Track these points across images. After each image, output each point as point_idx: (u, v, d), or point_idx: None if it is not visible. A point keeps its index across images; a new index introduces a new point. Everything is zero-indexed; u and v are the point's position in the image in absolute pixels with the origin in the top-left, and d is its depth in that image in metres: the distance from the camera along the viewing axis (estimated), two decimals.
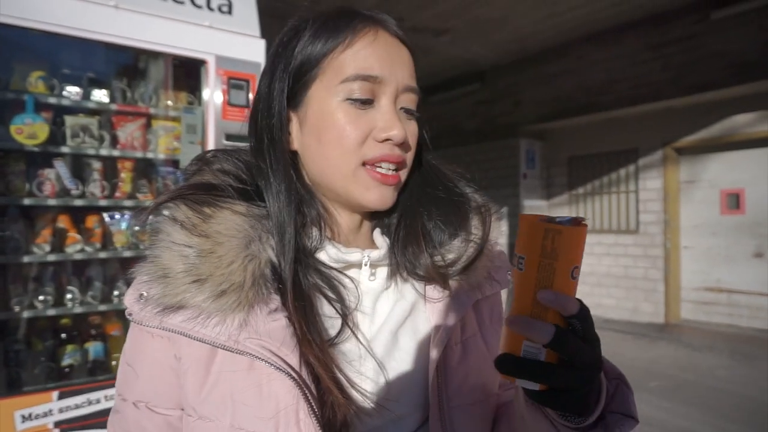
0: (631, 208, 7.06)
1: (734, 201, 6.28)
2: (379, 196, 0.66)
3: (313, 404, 0.56)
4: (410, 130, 0.67)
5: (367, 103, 0.64)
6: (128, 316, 0.62)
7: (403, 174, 0.69)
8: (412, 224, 0.71)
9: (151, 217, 0.62)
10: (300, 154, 0.68)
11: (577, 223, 0.50)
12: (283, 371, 0.56)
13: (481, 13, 5.86)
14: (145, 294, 0.59)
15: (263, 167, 0.66)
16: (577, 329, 0.51)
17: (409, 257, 0.70)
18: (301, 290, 0.61)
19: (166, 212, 0.61)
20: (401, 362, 0.66)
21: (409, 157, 0.69)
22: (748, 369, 5.05)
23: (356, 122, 0.63)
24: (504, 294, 0.75)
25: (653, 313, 6.78)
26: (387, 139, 0.64)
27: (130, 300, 0.62)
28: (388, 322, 0.67)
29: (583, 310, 0.51)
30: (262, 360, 0.56)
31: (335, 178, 0.65)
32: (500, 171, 7.91)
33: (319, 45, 0.64)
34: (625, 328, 6.65)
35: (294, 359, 0.57)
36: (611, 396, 0.59)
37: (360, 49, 0.63)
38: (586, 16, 6.00)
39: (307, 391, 0.56)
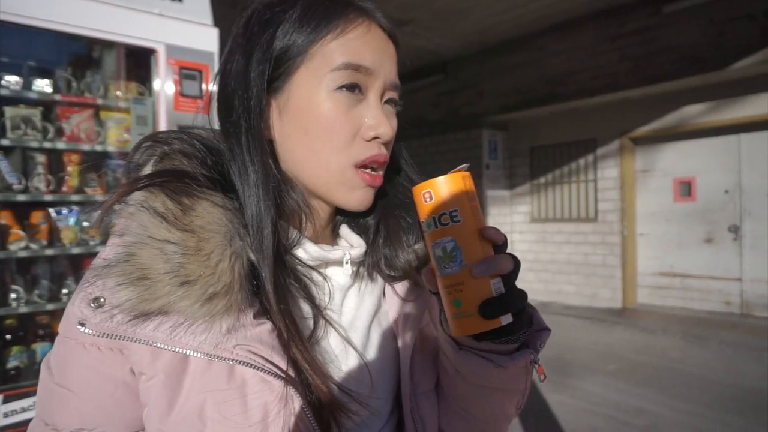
0: (590, 197, 7.22)
1: (686, 189, 6.50)
2: (362, 198, 0.64)
3: (305, 407, 0.54)
4: (393, 125, 0.65)
5: (356, 89, 0.60)
6: (79, 328, 0.52)
7: (383, 173, 0.67)
8: (394, 225, 0.70)
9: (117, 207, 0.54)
10: (278, 143, 0.62)
11: (468, 168, 0.56)
12: (275, 376, 0.52)
13: (444, 4, 5.87)
14: (103, 300, 0.51)
15: (237, 154, 0.60)
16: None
17: (388, 256, 0.69)
18: (282, 291, 0.57)
19: (140, 201, 0.53)
20: (375, 357, 0.66)
21: (390, 152, 0.67)
22: (700, 350, 5.26)
23: (346, 116, 0.60)
24: None
25: (611, 298, 6.99)
26: (375, 137, 0.61)
27: (81, 307, 0.52)
28: (360, 318, 0.67)
29: (506, 241, 0.57)
30: (254, 367, 0.52)
31: (320, 173, 0.62)
32: (463, 161, 7.79)
33: (308, 29, 0.59)
34: (584, 313, 6.84)
35: (284, 363, 0.54)
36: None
37: (353, 38, 0.60)
38: (546, 8, 6.08)
39: (300, 395, 0.54)
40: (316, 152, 0.60)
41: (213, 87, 0.66)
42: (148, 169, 0.58)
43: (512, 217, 8.16)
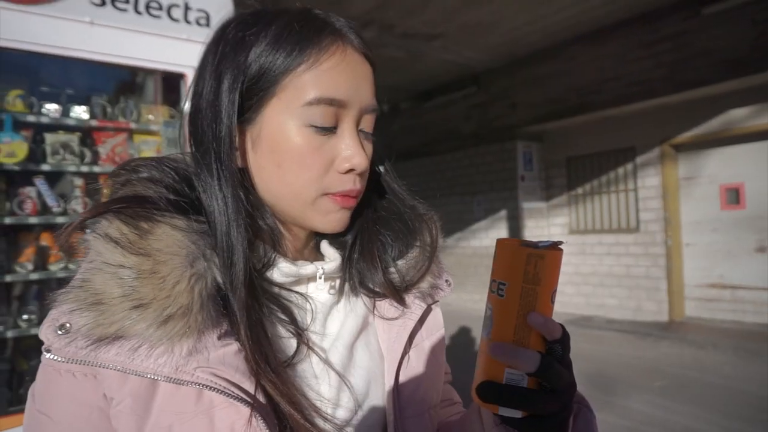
0: (630, 207, 7.01)
1: (734, 196, 6.22)
2: (338, 221, 0.63)
3: (272, 431, 0.52)
4: (369, 153, 0.63)
5: (330, 131, 0.59)
6: (45, 353, 0.53)
7: (359, 195, 0.65)
8: (368, 241, 0.69)
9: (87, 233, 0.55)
10: (252, 173, 0.62)
11: (556, 246, 0.50)
12: (240, 400, 0.51)
13: (470, 17, 5.87)
14: (68, 325, 0.51)
15: (208, 182, 0.59)
16: (557, 354, 0.52)
17: (364, 273, 0.68)
18: (250, 312, 0.56)
19: (96, 229, 0.54)
20: (359, 378, 0.64)
21: (366, 178, 0.65)
22: (754, 365, 4.97)
23: (319, 151, 0.59)
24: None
25: (656, 311, 6.71)
26: (350, 170, 0.60)
27: (47, 334, 0.52)
28: (342, 337, 0.65)
29: (565, 335, 0.53)
30: (217, 390, 0.51)
31: (293, 204, 0.61)
32: (498, 174, 7.89)
33: (280, 58, 0.57)
34: (628, 327, 6.59)
35: (250, 386, 0.53)
36: (574, 418, 0.59)
37: (327, 69, 0.58)
38: (575, 17, 6.00)
39: (266, 419, 0.52)
40: (288, 184, 0.60)
41: (185, 105, 0.65)
42: (111, 197, 0.59)
43: (549, 230, 7.99)
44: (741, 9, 5.26)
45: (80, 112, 2.52)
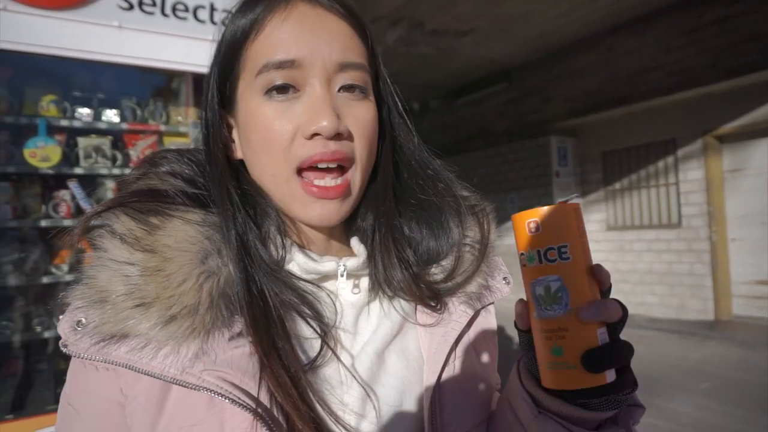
0: (672, 202, 6.76)
1: None
2: (320, 214, 0.56)
3: None
4: (357, 115, 0.57)
5: (285, 89, 0.54)
6: (62, 348, 0.52)
7: (357, 175, 0.58)
8: (385, 232, 0.62)
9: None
10: (246, 163, 0.60)
11: (574, 199, 0.51)
12: (245, 407, 0.48)
13: (502, 11, 5.75)
14: (83, 321, 0.51)
15: (209, 176, 0.59)
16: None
17: (386, 271, 0.61)
18: (263, 310, 0.53)
19: (102, 225, 0.53)
20: (390, 388, 0.57)
21: (360, 148, 0.58)
22: None
23: (280, 119, 0.54)
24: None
25: (701, 310, 6.45)
26: (316, 134, 0.54)
27: (65, 328, 0.52)
28: (375, 341, 0.59)
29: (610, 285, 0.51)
30: (220, 395, 0.48)
31: (274, 188, 0.58)
32: (532, 170, 7.75)
33: (236, 33, 0.56)
34: (671, 326, 6.36)
35: (258, 391, 0.49)
36: None
37: (271, 30, 0.54)
38: (612, 5, 5.81)
39: (273, 427, 0.49)
40: (263, 166, 0.57)
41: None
42: (124, 192, 0.58)
43: (586, 226, 7.77)
44: None
45: (111, 115, 2.56)
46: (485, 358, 0.65)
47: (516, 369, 0.56)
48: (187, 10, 2.47)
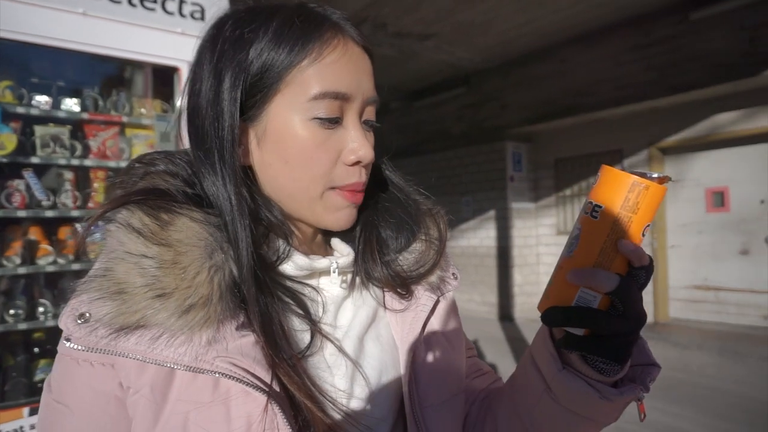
0: None
1: (719, 199, 6.31)
2: (347, 217, 0.64)
3: (288, 420, 0.53)
4: (371, 144, 0.65)
5: (335, 122, 0.60)
6: (65, 342, 0.53)
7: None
8: (369, 233, 0.70)
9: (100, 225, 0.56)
10: (257, 170, 0.62)
11: (663, 180, 0.51)
12: (258, 389, 0.52)
13: (464, 17, 5.87)
14: (87, 314, 0.52)
15: (212, 182, 0.59)
16: (640, 280, 0.54)
17: (369, 266, 0.68)
18: (265, 305, 0.57)
19: (118, 219, 0.55)
20: (371, 369, 0.64)
21: (370, 172, 0.66)
22: (738, 366, 5.06)
23: (325, 144, 0.59)
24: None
25: None
26: (356, 162, 0.61)
27: (68, 323, 0.53)
28: (353, 329, 0.65)
29: (651, 265, 0.55)
30: (235, 378, 0.52)
31: (302, 199, 0.62)
32: (488, 174, 7.93)
33: (283, 54, 0.57)
34: None
35: (267, 376, 0.53)
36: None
37: (330, 63, 0.58)
38: (568, 19, 6.03)
39: (283, 408, 0.53)
40: (297, 180, 0.60)
41: (182, 102, 0.65)
42: (131, 189, 0.60)
43: (538, 230, 8.05)
44: (729, 14, 5.33)
45: (71, 104, 2.48)
46: (451, 335, 0.73)
47: (547, 328, 0.62)
48: (155, 1, 2.43)
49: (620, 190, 0.51)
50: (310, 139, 0.59)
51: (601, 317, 0.53)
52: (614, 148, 7.00)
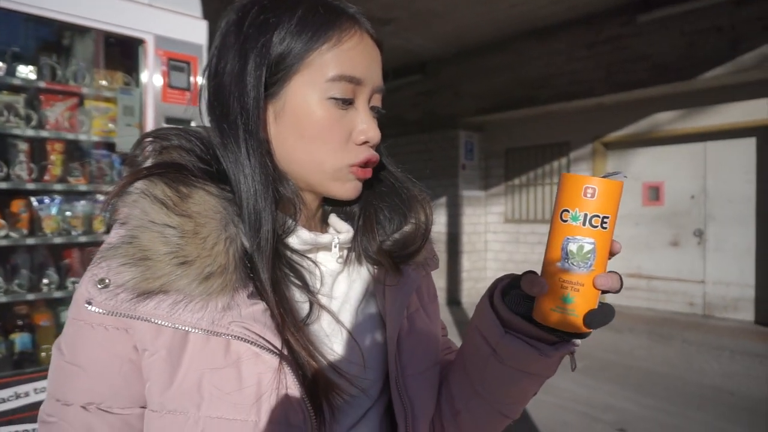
0: None
1: (655, 193, 6.72)
2: (354, 189, 0.69)
3: (296, 382, 0.58)
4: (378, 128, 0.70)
5: (348, 102, 0.65)
6: (86, 306, 0.56)
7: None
8: (370, 214, 0.75)
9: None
10: (273, 144, 0.66)
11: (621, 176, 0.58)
12: (270, 351, 0.56)
13: (424, 5, 5.92)
14: (108, 280, 0.55)
15: (234, 152, 0.63)
16: None
17: (366, 243, 0.73)
18: (274, 276, 0.62)
19: (142, 189, 0.58)
20: (364, 339, 0.70)
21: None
22: (664, 348, 5.46)
23: (339, 122, 0.64)
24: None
25: None
26: (365, 142, 0.66)
27: (88, 287, 0.56)
28: (349, 301, 0.71)
29: None
30: (249, 341, 0.56)
31: (315, 172, 0.66)
32: (441, 161, 8.05)
33: (305, 38, 0.63)
34: None
35: (277, 341, 0.58)
36: None
37: (347, 49, 0.64)
38: (524, 13, 6.19)
39: (292, 370, 0.58)
40: (311, 153, 0.65)
41: (202, 81, 0.70)
42: (148, 162, 0.63)
43: (486, 218, 8.28)
44: (672, 19, 5.64)
45: (27, 72, 2.36)
46: (430, 312, 0.80)
47: (487, 300, 0.69)
48: None
49: (617, 197, 0.56)
50: (325, 116, 0.64)
51: (612, 311, 0.60)
52: (562, 141, 7.29)
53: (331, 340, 0.67)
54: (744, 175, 5.99)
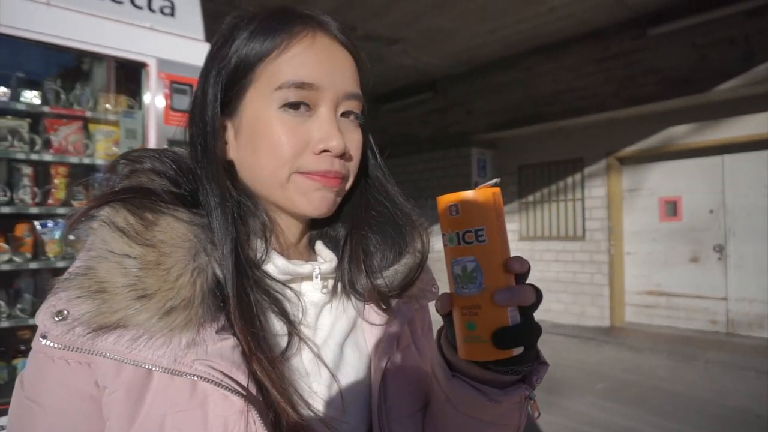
0: (577, 216, 7.28)
1: (672, 208, 6.58)
2: (321, 200, 0.62)
3: (266, 424, 0.53)
4: (353, 138, 0.63)
5: (301, 106, 0.60)
6: (41, 339, 0.53)
7: (346, 183, 0.65)
8: (356, 243, 0.69)
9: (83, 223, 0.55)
10: (237, 164, 0.63)
11: (496, 183, 0.54)
12: (235, 392, 0.51)
13: (432, 23, 5.95)
14: (65, 312, 0.51)
15: (199, 175, 0.61)
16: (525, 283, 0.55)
17: (352, 275, 0.68)
18: (247, 306, 0.57)
19: (102, 217, 0.54)
20: (347, 377, 0.64)
21: (352, 167, 0.65)
22: (687, 369, 5.28)
23: (292, 131, 0.59)
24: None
25: (599, 317, 7.00)
26: (325, 151, 0.60)
27: (45, 320, 0.52)
28: (335, 335, 0.65)
29: (529, 267, 0.55)
30: (213, 382, 0.51)
31: (272, 187, 0.62)
32: (453, 179, 8.02)
33: (255, 49, 0.60)
34: (572, 332, 6.84)
35: (245, 379, 0.53)
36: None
37: (296, 54, 0.59)
38: (531, 30, 6.19)
39: (260, 412, 0.53)
40: (264, 167, 0.61)
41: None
42: (116, 186, 0.59)
43: None
44: (683, 32, 5.58)
45: (31, 96, 2.39)
46: (423, 348, 0.73)
47: (437, 339, 0.63)
48: None
49: (488, 204, 0.51)
50: (276, 126, 0.59)
51: (536, 328, 0.54)
52: (575, 157, 7.21)
53: (311, 376, 0.61)
54: (764, 188, 5.85)
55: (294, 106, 0.59)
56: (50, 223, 2.45)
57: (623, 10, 5.70)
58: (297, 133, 0.60)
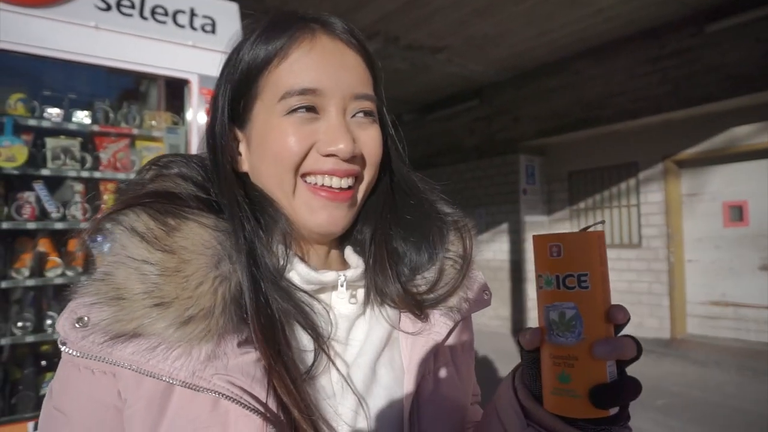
0: (633, 222, 6.97)
1: (737, 213, 6.19)
2: (327, 218, 0.59)
3: None
4: (368, 138, 0.60)
5: (308, 110, 0.57)
6: (61, 346, 0.52)
7: (361, 189, 0.62)
8: (381, 245, 0.65)
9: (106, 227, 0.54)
10: (251, 175, 0.62)
11: (597, 226, 0.51)
12: (255, 411, 0.49)
13: (476, 30, 5.87)
14: (86, 319, 0.50)
15: (217, 187, 0.60)
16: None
17: (381, 282, 0.63)
18: (270, 318, 0.54)
19: (122, 222, 0.53)
20: (379, 398, 0.60)
21: (368, 169, 0.62)
22: (757, 384, 4.91)
23: (297, 134, 0.57)
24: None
25: (658, 328, 6.65)
26: (332, 155, 0.57)
27: (64, 326, 0.51)
28: (367, 352, 0.61)
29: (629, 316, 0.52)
30: (232, 399, 0.49)
31: (280, 198, 0.60)
32: (500, 187, 7.88)
33: (258, 57, 0.58)
34: None
35: (265, 396, 0.50)
36: None
37: (296, 59, 0.58)
38: (579, 32, 6.01)
39: (280, 430, 0.50)
40: (272, 176, 0.59)
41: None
42: (140, 191, 0.58)
43: None
44: (745, 27, 5.27)
45: (82, 117, 2.50)
46: (463, 369, 0.67)
47: (511, 380, 0.57)
48: (166, 14, 2.44)
49: (593, 250, 0.48)
50: (282, 130, 0.57)
51: (638, 384, 0.49)
52: (629, 161, 6.92)
53: (337, 397, 0.57)
54: None
55: (299, 109, 0.58)
56: (100, 238, 2.53)
57: (678, 6, 5.44)
58: (302, 135, 0.57)
